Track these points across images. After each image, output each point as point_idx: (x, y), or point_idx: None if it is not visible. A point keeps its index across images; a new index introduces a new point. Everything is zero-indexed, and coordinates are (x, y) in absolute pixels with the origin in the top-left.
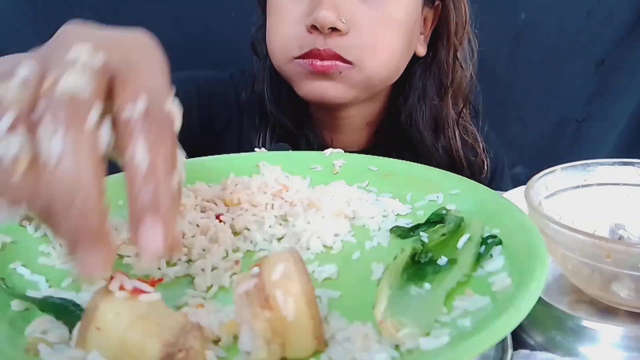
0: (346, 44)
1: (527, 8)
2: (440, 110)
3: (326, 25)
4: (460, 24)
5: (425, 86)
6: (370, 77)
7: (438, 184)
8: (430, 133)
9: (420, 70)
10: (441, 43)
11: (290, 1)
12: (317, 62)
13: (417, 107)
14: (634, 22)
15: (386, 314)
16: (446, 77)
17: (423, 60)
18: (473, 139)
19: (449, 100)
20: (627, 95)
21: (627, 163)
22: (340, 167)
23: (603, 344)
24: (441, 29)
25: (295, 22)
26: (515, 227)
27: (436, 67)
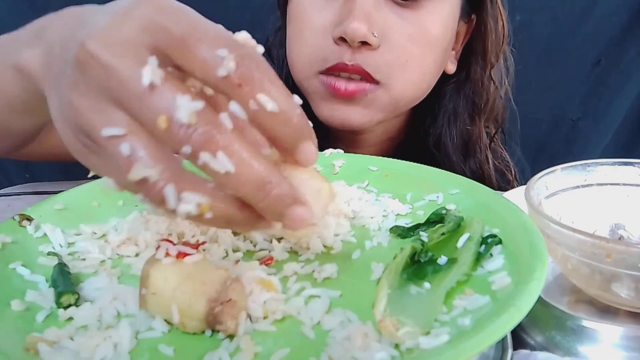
0: (375, 61)
1: (522, 9)
2: (471, 133)
3: (357, 38)
4: (497, 41)
5: (456, 108)
6: (397, 98)
7: (438, 183)
8: (460, 157)
9: (451, 90)
10: (475, 61)
11: (317, 8)
12: (340, 85)
13: (447, 129)
14: (629, 23)
15: (386, 313)
16: (480, 98)
17: (455, 79)
18: (504, 165)
19: (482, 123)
20: (622, 95)
21: (627, 163)
22: (340, 167)
23: (603, 344)
24: (475, 45)
25: (320, 31)
26: (515, 226)
27: (469, 87)
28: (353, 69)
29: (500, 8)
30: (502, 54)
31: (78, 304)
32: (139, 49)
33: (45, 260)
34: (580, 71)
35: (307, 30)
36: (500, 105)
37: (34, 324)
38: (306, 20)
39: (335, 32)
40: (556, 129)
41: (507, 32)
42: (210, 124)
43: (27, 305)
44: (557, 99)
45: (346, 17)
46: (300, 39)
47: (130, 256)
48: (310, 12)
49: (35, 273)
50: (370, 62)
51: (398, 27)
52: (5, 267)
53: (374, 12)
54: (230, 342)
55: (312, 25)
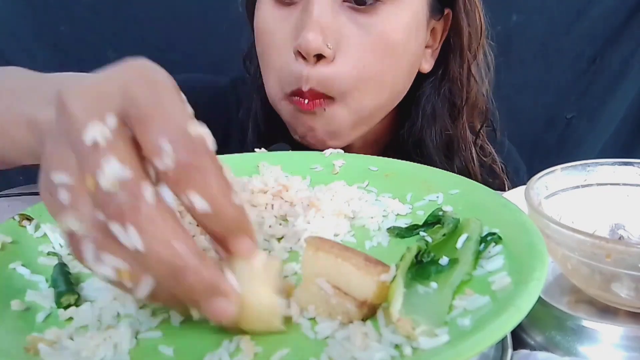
0: (331, 75)
1: (518, 9)
2: (454, 132)
3: (311, 51)
4: (474, 35)
5: (435, 107)
6: (357, 110)
7: (438, 184)
8: (442, 157)
9: (429, 90)
10: (453, 58)
11: (277, 20)
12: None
13: (427, 130)
14: (624, 22)
15: (401, 312)
16: (459, 96)
17: (432, 78)
18: (491, 159)
19: (464, 121)
20: (618, 94)
21: (627, 163)
22: (340, 167)
23: (603, 344)
24: (453, 41)
25: (283, 47)
26: (515, 226)
27: (447, 86)
28: (309, 94)
29: (476, 2)
30: (481, 49)
31: (78, 304)
32: (105, 107)
33: (45, 260)
34: (576, 70)
35: (271, 47)
36: (482, 101)
37: (34, 324)
38: (269, 37)
39: (294, 45)
40: (551, 127)
41: (485, 26)
42: (133, 196)
43: (27, 305)
44: (552, 98)
45: (302, 28)
46: (267, 60)
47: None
48: (272, 27)
49: (35, 273)
50: (325, 76)
51: (354, 36)
52: (5, 267)
53: (329, 20)
54: (230, 343)
55: (275, 41)
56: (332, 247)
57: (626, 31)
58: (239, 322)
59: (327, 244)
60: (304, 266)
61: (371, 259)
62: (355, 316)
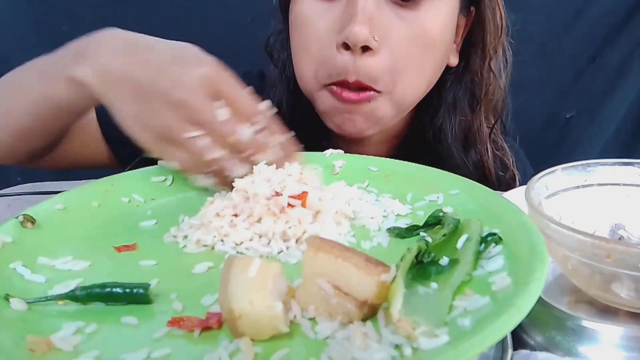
0: (376, 67)
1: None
2: (471, 123)
3: (359, 43)
4: (495, 32)
5: (455, 98)
6: (400, 102)
7: (438, 184)
8: (460, 148)
9: (451, 81)
10: (475, 52)
11: (319, 13)
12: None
13: (447, 120)
14: (623, 22)
15: (401, 312)
16: (479, 89)
17: (454, 70)
18: (502, 153)
19: (482, 113)
20: (617, 94)
21: (627, 163)
22: (340, 167)
23: (603, 344)
24: (475, 37)
25: (325, 39)
26: (515, 226)
27: (468, 78)
28: (355, 85)
29: (498, 0)
30: (500, 46)
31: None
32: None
33: (45, 260)
34: (575, 69)
35: (311, 38)
36: (499, 95)
37: (34, 324)
38: (310, 28)
39: (339, 39)
40: (550, 126)
41: (505, 23)
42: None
43: (29, 306)
44: (552, 97)
45: (349, 21)
46: (306, 51)
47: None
48: (313, 19)
49: (35, 273)
50: (372, 69)
51: (398, 30)
52: (5, 266)
53: (375, 13)
54: (230, 343)
55: (315, 33)
56: (333, 247)
57: (625, 30)
58: (242, 331)
59: (327, 244)
60: (304, 266)
61: (371, 259)
62: (356, 316)
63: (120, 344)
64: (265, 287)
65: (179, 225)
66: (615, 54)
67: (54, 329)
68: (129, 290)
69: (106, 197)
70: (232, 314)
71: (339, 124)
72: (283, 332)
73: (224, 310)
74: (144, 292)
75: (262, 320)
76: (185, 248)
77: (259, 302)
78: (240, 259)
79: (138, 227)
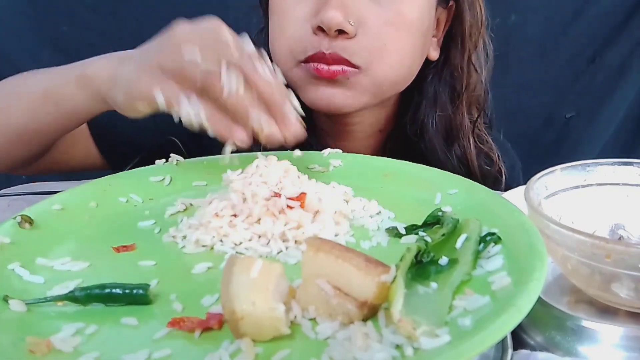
0: (354, 47)
1: (517, 9)
2: (453, 118)
3: (333, 26)
4: (475, 26)
5: (436, 92)
6: (380, 81)
7: (437, 184)
8: (443, 143)
9: (431, 75)
10: (455, 46)
11: (295, 0)
12: (323, 66)
13: (428, 114)
14: (623, 22)
15: (402, 312)
16: (459, 83)
17: (434, 64)
18: (488, 147)
19: (464, 107)
20: (617, 94)
21: (627, 163)
22: (338, 166)
23: (603, 344)
24: (455, 31)
25: (300, 22)
26: (514, 226)
27: (449, 72)
28: (331, 58)
29: None
30: (481, 39)
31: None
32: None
33: (43, 260)
34: (574, 70)
35: (286, 22)
36: (480, 90)
37: (33, 325)
38: (286, 12)
39: (314, 22)
40: (550, 126)
41: (485, 17)
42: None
43: (28, 307)
44: (551, 97)
45: (323, 6)
46: (280, 31)
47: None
48: (289, 5)
49: (34, 274)
50: (348, 49)
51: (374, 13)
52: (3, 268)
53: (349, 0)
54: (231, 344)
55: (291, 16)
56: (333, 247)
57: (625, 31)
58: (244, 332)
59: (327, 244)
60: (304, 267)
61: (371, 259)
62: (356, 317)
63: (120, 345)
64: (268, 288)
65: (177, 226)
66: (615, 54)
67: (54, 330)
68: (128, 291)
69: (104, 197)
70: (234, 315)
71: (313, 99)
72: (284, 334)
73: (226, 310)
74: (143, 293)
75: (264, 321)
76: (185, 248)
77: (261, 303)
78: (242, 260)
79: (137, 228)
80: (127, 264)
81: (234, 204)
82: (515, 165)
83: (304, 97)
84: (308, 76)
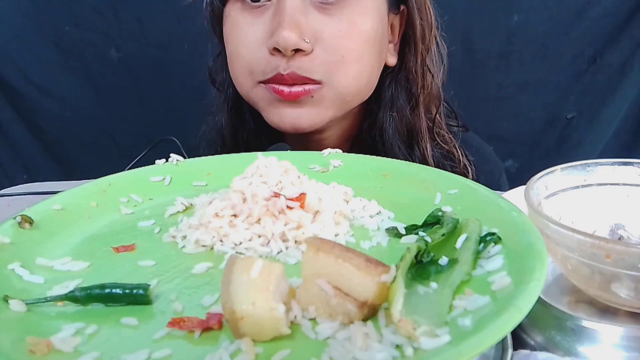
0: (312, 64)
1: (519, 10)
2: (413, 121)
3: (289, 47)
4: (427, 28)
5: (393, 96)
6: (343, 93)
7: (436, 184)
8: (403, 146)
9: (388, 81)
10: (409, 50)
11: (248, 23)
12: (284, 88)
13: (387, 118)
14: (624, 23)
15: (402, 313)
16: (415, 85)
17: (391, 69)
18: (452, 146)
19: (421, 109)
20: (618, 94)
21: (627, 163)
22: (338, 167)
23: (603, 344)
24: (408, 36)
25: (255, 45)
26: (514, 226)
27: (404, 76)
28: (290, 77)
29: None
30: (433, 41)
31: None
32: None
33: (43, 261)
34: (576, 70)
35: (242, 46)
36: (437, 90)
37: (33, 325)
38: (240, 37)
39: (269, 44)
40: (551, 127)
41: (434, 18)
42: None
43: (28, 307)
44: (552, 98)
45: (277, 27)
46: (237, 55)
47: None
48: (243, 29)
49: (34, 274)
50: (306, 66)
51: (328, 28)
52: (3, 268)
53: (302, 18)
54: (231, 344)
55: (246, 40)
56: (333, 247)
57: (626, 31)
58: (244, 332)
59: (327, 244)
60: (304, 267)
61: (372, 259)
62: (356, 317)
63: (120, 345)
64: (268, 288)
65: (177, 226)
66: (616, 54)
67: (54, 330)
68: (128, 291)
69: (104, 197)
70: (234, 315)
71: (277, 121)
72: (284, 334)
73: (226, 311)
74: (143, 293)
75: (264, 321)
76: (185, 248)
77: (261, 303)
78: (242, 259)
79: (137, 227)
80: (127, 264)
81: (234, 204)
82: (495, 170)
83: (268, 118)
84: (270, 97)
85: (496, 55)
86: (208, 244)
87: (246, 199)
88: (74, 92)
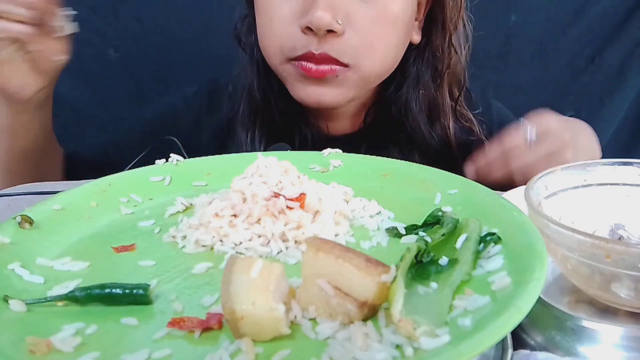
0: (342, 46)
1: (517, 9)
2: (435, 97)
3: (322, 27)
4: (455, 8)
5: (419, 73)
6: (367, 76)
7: (436, 183)
8: (426, 120)
9: (413, 57)
10: (435, 28)
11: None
12: (311, 66)
13: (411, 94)
14: (622, 22)
15: (402, 313)
16: (441, 63)
17: (416, 46)
18: (470, 122)
19: (445, 87)
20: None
21: (627, 163)
22: (338, 166)
23: (603, 344)
24: (435, 14)
25: (288, 21)
26: (514, 226)
27: (430, 53)
28: (320, 57)
29: None
30: (461, 21)
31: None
32: None
33: (43, 261)
34: (574, 70)
35: (274, 21)
36: (461, 69)
37: (33, 325)
38: (273, 11)
39: (302, 22)
40: None
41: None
42: None
43: (28, 307)
44: (551, 97)
45: (310, 6)
46: (269, 30)
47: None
48: (276, 3)
49: (34, 274)
50: (337, 47)
51: (361, 12)
52: (3, 268)
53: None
54: (231, 344)
55: (279, 16)
56: (333, 247)
57: (624, 31)
58: (244, 332)
59: (327, 244)
60: (304, 267)
61: (372, 259)
62: (356, 317)
63: (120, 345)
64: (268, 288)
65: (177, 226)
66: (615, 54)
67: (54, 330)
68: (128, 291)
69: (104, 197)
70: (234, 315)
71: (302, 96)
72: (284, 334)
73: (226, 311)
74: (143, 293)
75: (264, 321)
76: (185, 248)
77: (261, 303)
78: (242, 259)
79: (137, 227)
80: (127, 264)
81: (234, 204)
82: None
83: (293, 92)
84: (297, 74)
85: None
86: (208, 244)
87: (246, 199)
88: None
